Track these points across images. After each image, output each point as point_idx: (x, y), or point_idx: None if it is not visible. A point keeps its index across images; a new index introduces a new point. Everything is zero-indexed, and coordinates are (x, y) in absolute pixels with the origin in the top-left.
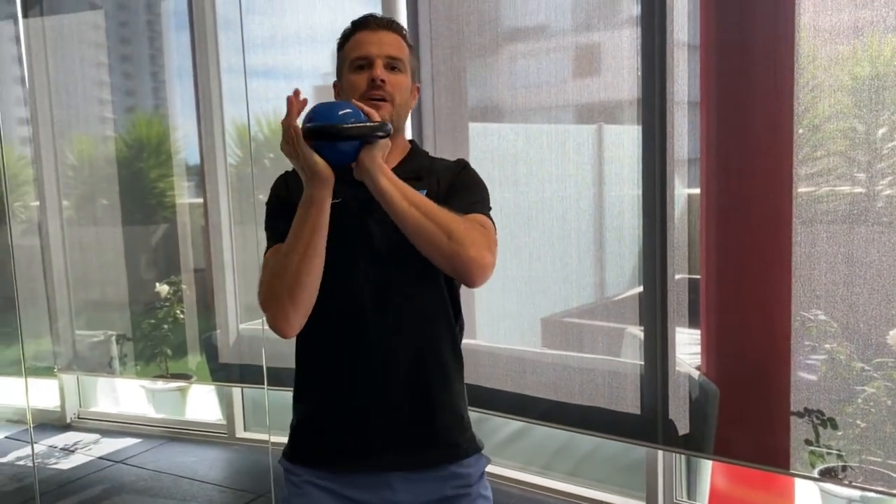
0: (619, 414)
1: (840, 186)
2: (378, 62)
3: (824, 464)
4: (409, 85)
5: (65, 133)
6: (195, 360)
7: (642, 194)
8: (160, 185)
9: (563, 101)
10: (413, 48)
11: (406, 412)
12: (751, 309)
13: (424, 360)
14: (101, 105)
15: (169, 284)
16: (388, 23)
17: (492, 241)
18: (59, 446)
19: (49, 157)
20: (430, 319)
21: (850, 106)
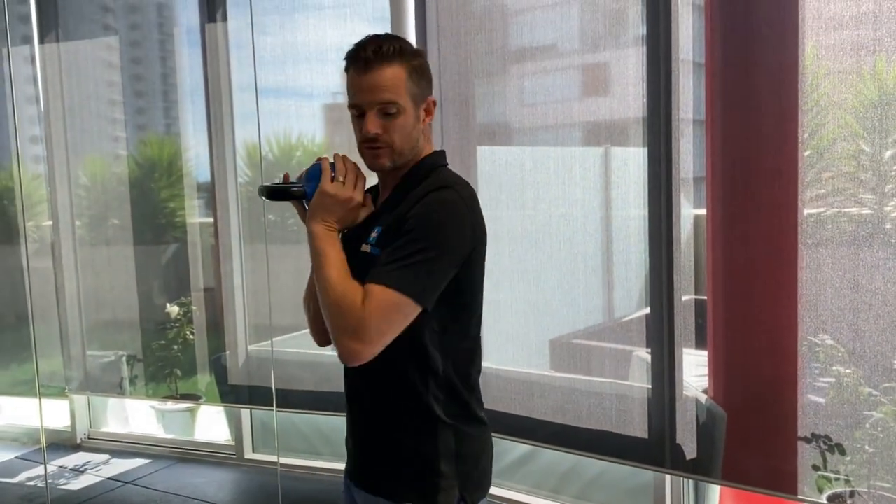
0: (627, 438)
1: (847, 208)
2: (370, 114)
3: (832, 489)
4: (409, 121)
5: (78, 153)
6: (204, 380)
7: (648, 215)
8: (171, 204)
9: (570, 121)
10: (417, 61)
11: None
12: (758, 332)
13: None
14: (114, 125)
15: (179, 305)
16: (379, 55)
17: (359, 323)
18: (69, 467)
19: (62, 178)
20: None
21: (856, 127)
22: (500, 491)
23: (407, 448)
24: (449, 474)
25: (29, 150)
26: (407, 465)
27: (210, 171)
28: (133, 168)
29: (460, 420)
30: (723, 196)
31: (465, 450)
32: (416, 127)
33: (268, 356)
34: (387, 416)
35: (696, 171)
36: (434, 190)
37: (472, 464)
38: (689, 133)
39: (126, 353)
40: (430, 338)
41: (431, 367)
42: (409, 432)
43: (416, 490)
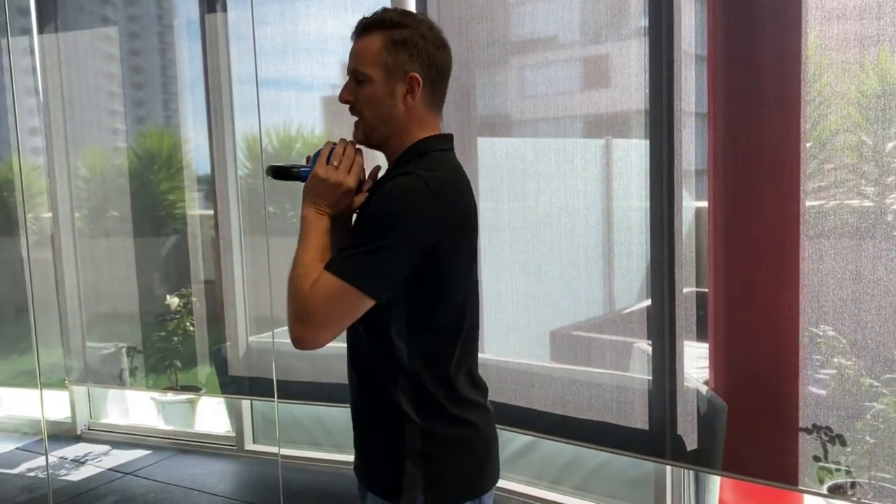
0: (628, 429)
1: (849, 200)
2: (347, 82)
3: (833, 480)
4: (378, 93)
5: (77, 145)
6: (205, 371)
7: (650, 207)
8: (171, 196)
9: (571, 112)
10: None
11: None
12: (759, 323)
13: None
14: (113, 116)
15: (179, 297)
16: (363, 26)
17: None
18: (69, 458)
19: (62, 169)
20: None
21: (859, 119)
22: (501, 482)
23: (375, 443)
24: (413, 475)
25: (28, 142)
26: (376, 461)
27: (210, 163)
28: (132, 160)
29: (432, 419)
30: (724, 188)
31: (435, 450)
32: (389, 101)
33: (268, 347)
34: (363, 410)
35: (698, 164)
36: (400, 175)
37: (444, 465)
38: (692, 125)
39: (126, 344)
40: (397, 330)
41: (399, 360)
42: (378, 428)
43: (382, 486)
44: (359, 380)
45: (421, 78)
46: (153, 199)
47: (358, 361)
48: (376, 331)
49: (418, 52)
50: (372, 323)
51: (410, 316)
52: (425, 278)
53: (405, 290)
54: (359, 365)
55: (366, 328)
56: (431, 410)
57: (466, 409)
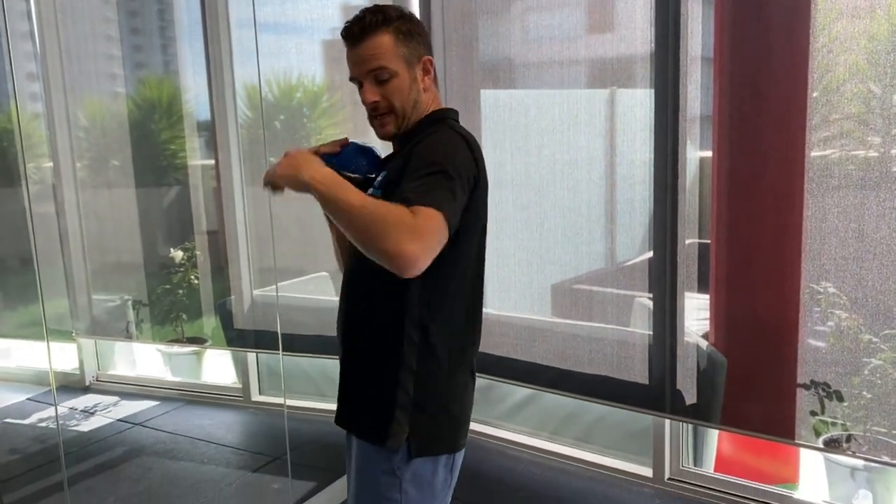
0: (628, 383)
1: (854, 151)
2: (366, 85)
3: (829, 434)
4: (405, 82)
5: (76, 92)
6: (210, 324)
7: (653, 157)
8: (172, 146)
9: (575, 57)
10: (404, 25)
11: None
12: (760, 279)
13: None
14: (110, 61)
15: (183, 250)
16: (363, 28)
17: (414, 228)
18: (79, 408)
19: (62, 119)
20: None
21: (867, 68)
22: (502, 433)
23: (368, 392)
24: (402, 421)
25: (25, 88)
26: (366, 408)
27: (210, 112)
28: (133, 109)
29: (429, 372)
30: (729, 136)
31: (425, 402)
32: (414, 88)
33: (272, 301)
34: (360, 359)
35: (703, 110)
36: (437, 131)
37: (430, 417)
38: (697, 70)
39: (132, 297)
40: (414, 282)
41: (412, 310)
42: (374, 377)
43: (371, 430)
44: (360, 328)
45: (432, 58)
46: (154, 149)
47: (363, 310)
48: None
49: (421, 37)
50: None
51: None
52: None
53: None
54: (363, 313)
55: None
56: (430, 363)
57: (459, 370)
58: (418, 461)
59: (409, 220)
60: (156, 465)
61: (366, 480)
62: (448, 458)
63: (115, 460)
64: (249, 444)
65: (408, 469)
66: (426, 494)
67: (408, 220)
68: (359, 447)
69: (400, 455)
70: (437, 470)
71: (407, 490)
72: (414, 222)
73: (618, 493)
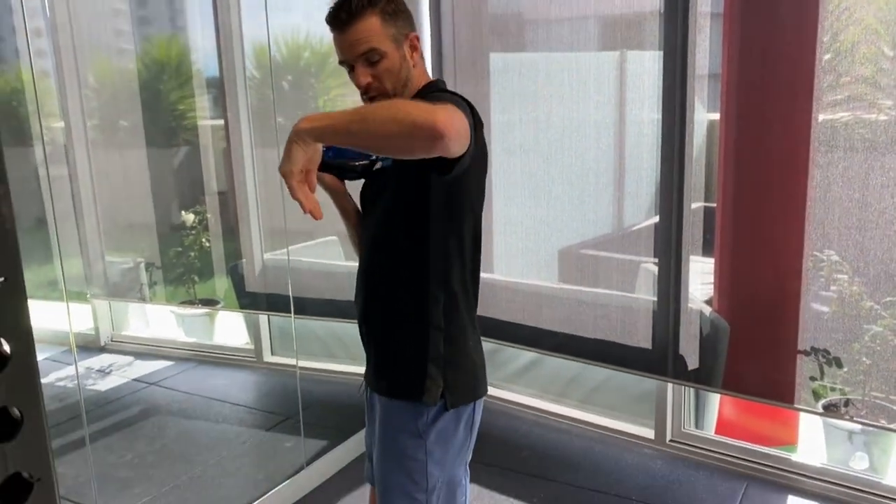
0: (631, 348)
1: (865, 114)
2: (357, 67)
3: (828, 398)
4: (395, 62)
5: (84, 51)
6: (222, 285)
7: (661, 121)
8: (181, 106)
9: (584, 13)
10: (389, 6)
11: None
12: (764, 245)
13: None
14: (117, 17)
15: (194, 213)
16: (350, 12)
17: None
18: (95, 368)
19: (72, 77)
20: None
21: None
22: (508, 394)
23: (398, 351)
24: (435, 376)
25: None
26: (398, 367)
27: (219, 72)
28: (141, 69)
29: (454, 326)
30: (737, 100)
31: (455, 356)
32: (404, 66)
33: (283, 264)
34: (385, 320)
35: (712, 68)
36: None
37: (460, 369)
38: (707, 29)
39: (144, 259)
40: (434, 242)
41: (437, 268)
42: (402, 336)
43: (405, 389)
44: (384, 290)
45: (418, 34)
46: (164, 110)
47: (386, 271)
48: (418, 239)
49: (406, 15)
50: (414, 230)
51: (444, 229)
52: (464, 181)
53: (449, 193)
54: (387, 275)
55: (407, 236)
56: (455, 318)
57: (474, 320)
58: (442, 420)
59: (427, 104)
60: (171, 423)
61: (392, 441)
62: (469, 415)
63: (131, 419)
64: (262, 404)
65: (433, 429)
66: (449, 452)
67: (425, 104)
68: (385, 409)
69: (428, 414)
70: (458, 428)
71: (431, 450)
72: (432, 104)
73: (620, 453)
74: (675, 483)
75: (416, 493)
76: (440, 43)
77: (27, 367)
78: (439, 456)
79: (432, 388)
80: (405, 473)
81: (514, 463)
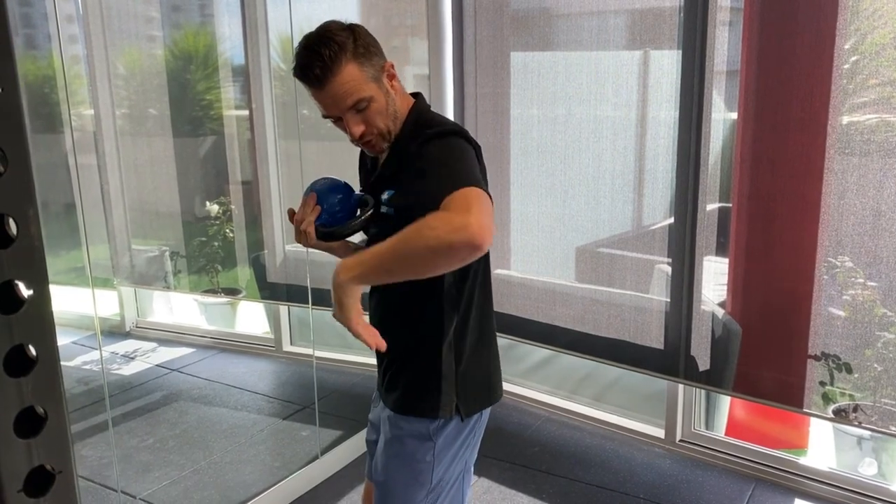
0: (644, 348)
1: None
2: (348, 118)
3: (837, 403)
4: (382, 102)
5: (114, 38)
6: (244, 275)
7: (678, 120)
8: (208, 96)
9: (605, 7)
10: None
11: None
12: (778, 250)
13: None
14: (147, 5)
15: (219, 204)
16: (326, 69)
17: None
18: (120, 353)
19: (101, 64)
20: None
21: None
22: (521, 390)
23: (414, 374)
24: (449, 391)
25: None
26: (414, 388)
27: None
28: (169, 59)
29: (468, 339)
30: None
31: (467, 368)
32: (390, 101)
33: (303, 256)
34: (401, 345)
35: (731, 68)
36: (434, 137)
37: (473, 378)
38: (726, 27)
39: (169, 248)
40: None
41: (443, 295)
42: (416, 357)
43: (420, 409)
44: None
45: (391, 62)
46: (191, 99)
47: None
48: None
49: (374, 47)
50: None
51: None
52: None
53: None
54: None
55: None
56: (468, 333)
57: (491, 327)
58: (452, 425)
59: (442, 213)
60: (192, 409)
61: (398, 442)
62: (478, 417)
63: (153, 404)
64: (280, 393)
65: (443, 433)
66: (457, 454)
67: (441, 213)
68: (393, 418)
69: (441, 420)
70: (467, 431)
71: (440, 453)
72: (448, 212)
73: (630, 451)
74: (684, 482)
75: (420, 492)
76: (462, 42)
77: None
78: (446, 457)
79: (446, 404)
80: (412, 474)
81: (526, 458)
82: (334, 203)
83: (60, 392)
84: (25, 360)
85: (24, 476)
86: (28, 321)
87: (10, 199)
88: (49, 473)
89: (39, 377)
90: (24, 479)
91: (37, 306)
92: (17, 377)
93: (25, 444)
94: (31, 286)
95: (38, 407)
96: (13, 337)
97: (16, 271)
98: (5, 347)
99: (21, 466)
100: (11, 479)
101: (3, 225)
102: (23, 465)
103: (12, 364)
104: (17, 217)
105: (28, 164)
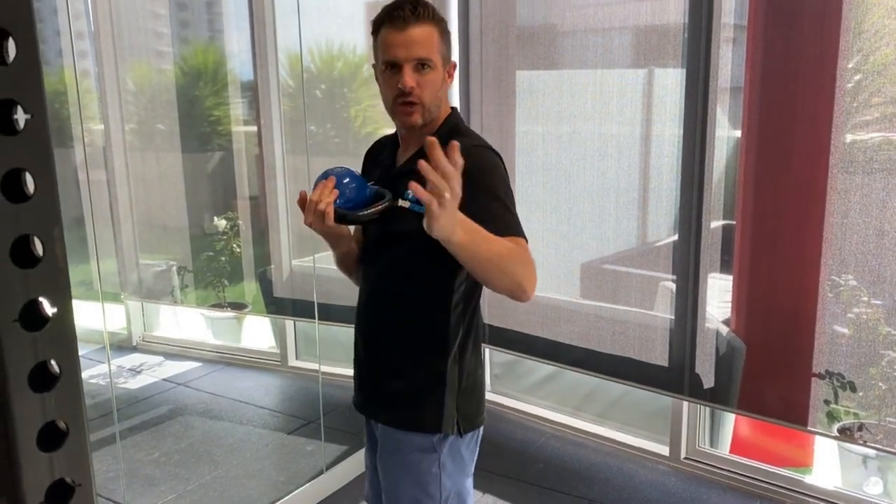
0: (648, 365)
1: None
2: (406, 68)
3: (841, 422)
4: (439, 78)
5: (124, 55)
6: (250, 289)
7: (682, 138)
8: (216, 112)
9: (609, 24)
10: (446, 26)
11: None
12: (782, 268)
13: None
14: (156, 20)
15: (226, 219)
16: (416, 14)
17: (529, 263)
18: (127, 367)
19: (111, 80)
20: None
21: None
22: (525, 406)
23: (419, 389)
24: (451, 407)
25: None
26: (416, 404)
27: (254, 79)
28: (179, 75)
29: (467, 359)
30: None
31: (467, 385)
32: (443, 86)
33: (310, 271)
34: (408, 361)
35: (735, 86)
36: (474, 146)
37: (471, 397)
38: (730, 44)
39: (176, 262)
40: (459, 280)
41: (452, 306)
42: (422, 375)
43: (423, 424)
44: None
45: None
46: (199, 115)
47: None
48: (438, 280)
49: (451, 44)
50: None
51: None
52: None
53: None
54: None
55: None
56: (467, 351)
57: (480, 349)
58: (453, 438)
59: (527, 256)
60: (198, 423)
61: (402, 456)
62: (477, 433)
63: (160, 417)
64: (285, 408)
65: (446, 443)
66: (458, 464)
67: (527, 258)
68: (391, 433)
69: (442, 434)
70: (468, 444)
71: (445, 464)
72: (528, 257)
73: (634, 469)
74: (688, 500)
75: None
76: (468, 63)
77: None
78: (452, 468)
79: (449, 419)
80: (420, 487)
81: (530, 475)
82: (353, 189)
83: (81, 407)
84: (48, 375)
85: (46, 489)
86: (52, 338)
87: (38, 221)
88: (69, 486)
89: (62, 392)
90: (46, 491)
91: (60, 324)
92: (41, 392)
93: (48, 457)
94: (56, 304)
95: (60, 421)
96: (38, 353)
97: (41, 290)
98: (30, 364)
99: (43, 479)
100: (33, 492)
101: (30, 245)
102: (45, 478)
103: (36, 379)
104: (43, 238)
105: (55, 188)
